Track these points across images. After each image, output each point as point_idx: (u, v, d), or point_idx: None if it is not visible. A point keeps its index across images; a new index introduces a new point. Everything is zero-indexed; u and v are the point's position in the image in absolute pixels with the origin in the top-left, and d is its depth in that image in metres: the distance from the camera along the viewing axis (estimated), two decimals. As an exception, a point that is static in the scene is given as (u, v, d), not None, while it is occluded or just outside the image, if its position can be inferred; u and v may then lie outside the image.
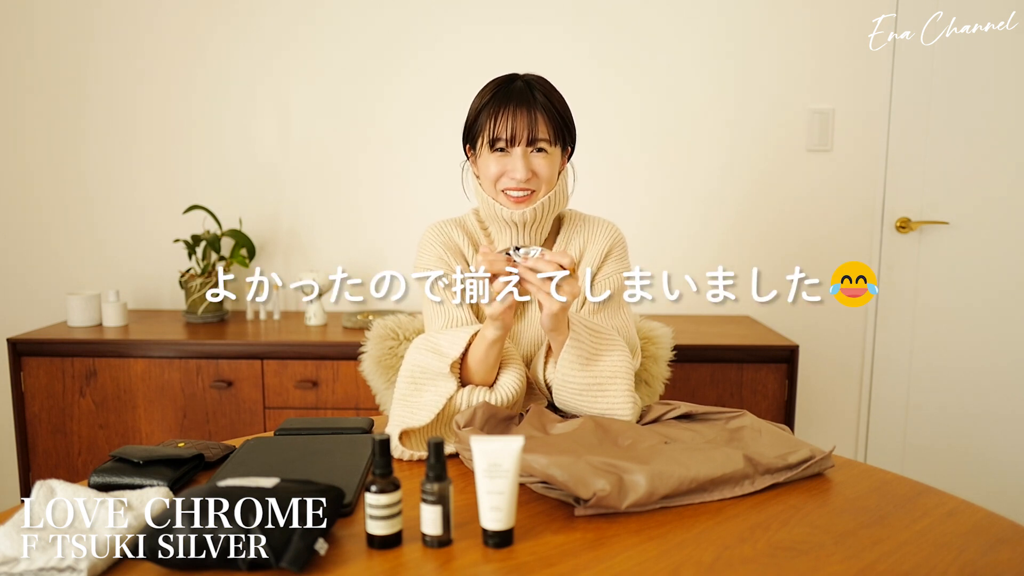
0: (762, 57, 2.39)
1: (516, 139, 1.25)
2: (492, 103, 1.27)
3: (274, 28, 2.43)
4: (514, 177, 1.25)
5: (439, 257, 1.33)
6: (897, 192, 2.41)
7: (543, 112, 1.26)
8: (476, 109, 1.30)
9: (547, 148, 1.27)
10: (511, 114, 1.24)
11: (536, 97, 1.26)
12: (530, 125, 1.24)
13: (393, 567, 0.81)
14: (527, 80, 1.29)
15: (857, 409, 2.52)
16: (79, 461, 2.12)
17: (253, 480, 0.87)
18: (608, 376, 1.18)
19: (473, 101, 1.32)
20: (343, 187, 2.49)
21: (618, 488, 0.93)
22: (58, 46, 2.44)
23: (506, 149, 1.26)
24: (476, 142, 1.31)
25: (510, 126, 1.24)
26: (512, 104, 1.25)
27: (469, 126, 1.32)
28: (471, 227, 1.38)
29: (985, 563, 0.82)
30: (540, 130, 1.25)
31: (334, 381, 2.08)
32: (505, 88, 1.28)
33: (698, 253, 2.45)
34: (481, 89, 1.32)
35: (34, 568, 0.76)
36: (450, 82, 2.42)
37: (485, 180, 1.30)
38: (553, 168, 1.29)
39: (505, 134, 1.25)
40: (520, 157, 1.25)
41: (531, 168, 1.26)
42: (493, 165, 1.27)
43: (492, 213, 1.31)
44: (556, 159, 1.30)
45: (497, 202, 1.29)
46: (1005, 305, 2.41)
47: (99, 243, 2.52)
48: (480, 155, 1.30)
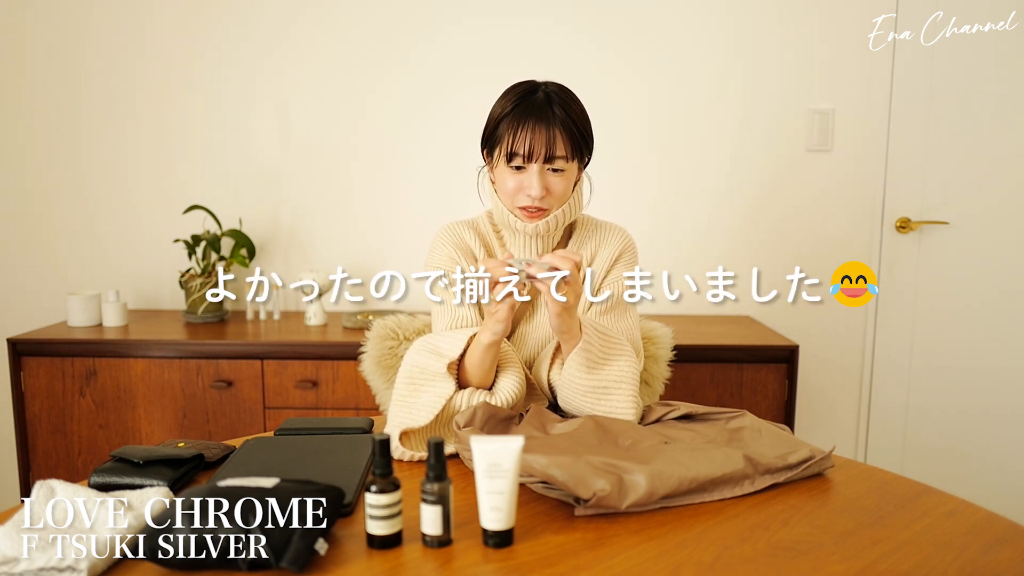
0: (762, 57, 2.39)
1: (534, 155, 1.24)
2: (512, 115, 1.26)
3: (274, 28, 2.43)
4: (529, 194, 1.25)
5: (449, 257, 1.34)
6: (897, 192, 2.41)
7: (561, 128, 1.25)
8: (496, 118, 1.29)
9: (564, 164, 1.26)
10: (530, 130, 1.23)
11: (555, 112, 1.25)
12: (548, 143, 1.24)
13: (393, 567, 0.81)
14: (548, 92, 1.28)
15: (857, 409, 2.52)
16: (79, 461, 2.12)
17: (253, 480, 0.87)
18: (614, 380, 1.19)
19: (494, 106, 1.30)
20: (343, 187, 2.49)
21: (618, 488, 0.93)
22: (59, 46, 2.44)
23: (523, 165, 1.26)
24: (494, 151, 1.30)
25: (528, 142, 1.24)
26: (532, 120, 1.24)
27: (489, 133, 1.32)
28: (484, 229, 1.38)
29: (985, 563, 0.82)
30: (558, 147, 1.25)
31: (334, 381, 2.08)
32: (526, 100, 1.26)
33: (698, 253, 2.45)
34: (502, 95, 1.31)
35: (34, 568, 0.76)
36: (450, 81, 2.42)
37: (501, 192, 1.31)
38: (568, 185, 1.29)
39: (523, 150, 1.24)
40: (536, 174, 1.25)
41: (546, 185, 1.26)
42: (510, 180, 1.27)
43: (506, 222, 1.32)
44: (572, 175, 1.30)
45: (512, 214, 1.30)
46: (1005, 305, 2.41)
47: (99, 243, 2.52)
48: (497, 165, 1.30)
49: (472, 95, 2.42)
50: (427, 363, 1.19)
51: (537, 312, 1.36)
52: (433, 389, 1.17)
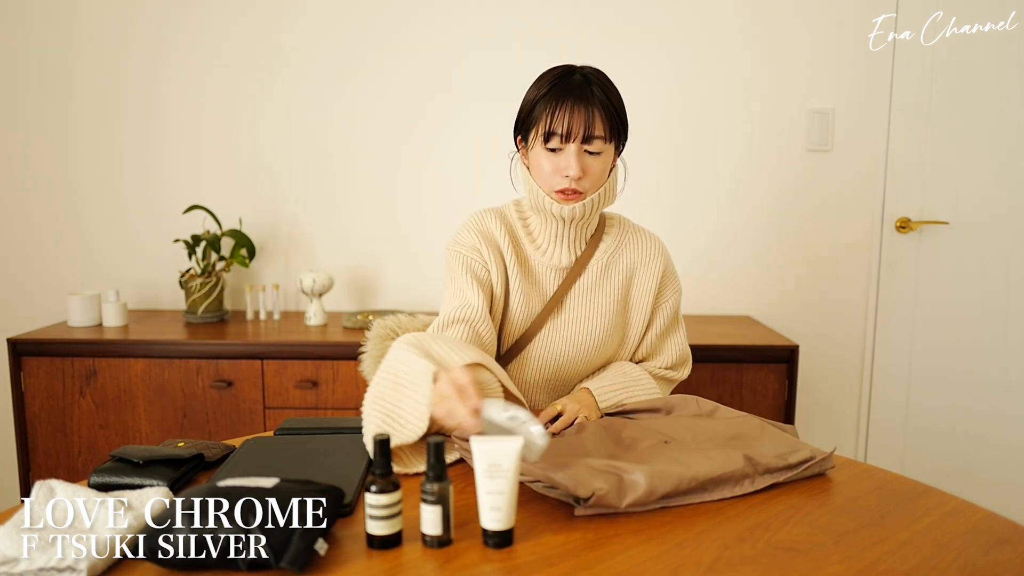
0: (762, 57, 2.39)
1: (572, 135, 1.24)
2: (550, 96, 1.25)
3: (274, 28, 2.43)
4: (567, 174, 1.25)
5: (471, 245, 1.35)
6: (897, 192, 2.41)
7: (600, 109, 1.25)
8: (532, 100, 1.28)
9: (601, 146, 1.26)
10: (568, 109, 1.23)
11: (595, 92, 1.25)
12: (587, 121, 1.23)
13: (393, 567, 0.81)
14: (585, 74, 1.28)
15: (857, 409, 2.51)
16: (79, 461, 2.12)
17: (253, 480, 0.87)
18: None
19: (528, 91, 1.30)
20: (343, 187, 2.48)
21: (617, 487, 0.93)
22: (59, 45, 2.44)
23: (560, 147, 1.25)
24: (529, 133, 1.30)
25: (567, 122, 1.23)
26: (571, 99, 1.24)
27: (524, 117, 1.31)
28: (511, 218, 1.39)
29: (985, 563, 0.82)
30: (596, 127, 1.24)
31: (334, 381, 2.08)
32: (564, 81, 1.26)
33: (698, 253, 2.44)
34: (537, 79, 1.30)
35: (34, 568, 0.76)
36: (453, 82, 2.42)
37: (537, 174, 1.30)
38: (604, 168, 1.29)
39: (561, 129, 1.24)
40: (574, 154, 1.24)
41: (583, 167, 1.26)
42: (546, 162, 1.27)
43: (540, 205, 1.31)
44: (608, 158, 1.30)
45: (549, 197, 1.30)
46: (1005, 305, 2.40)
47: (99, 243, 2.52)
48: (532, 148, 1.30)
49: (474, 96, 2.42)
50: (415, 362, 1.08)
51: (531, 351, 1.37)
52: (414, 394, 1.05)
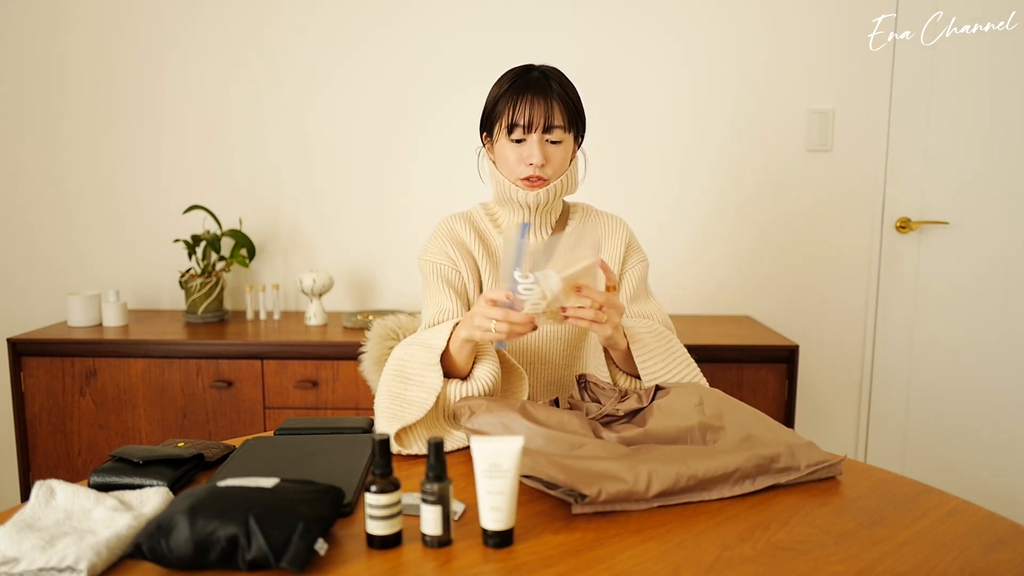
0: (762, 57, 2.39)
1: (533, 125, 1.32)
2: (511, 91, 1.34)
3: (274, 28, 2.43)
4: (531, 162, 1.33)
5: (441, 250, 1.41)
6: (897, 192, 2.41)
7: (559, 101, 1.34)
8: (495, 98, 1.37)
9: (561, 135, 1.34)
10: (529, 102, 1.32)
11: (552, 87, 1.34)
12: (547, 112, 1.32)
13: (393, 567, 0.81)
14: (543, 70, 1.37)
15: (857, 409, 2.52)
16: (79, 461, 2.12)
17: (253, 480, 0.87)
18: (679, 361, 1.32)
19: (491, 90, 1.38)
20: (344, 187, 2.49)
21: (617, 485, 0.92)
22: (59, 44, 2.44)
23: (523, 138, 1.33)
24: (493, 129, 1.38)
25: (528, 113, 1.32)
26: (530, 93, 1.32)
27: (488, 113, 1.39)
28: (478, 220, 1.45)
29: (985, 563, 0.82)
30: (556, 117, 1.33)
31: (334, 381, 2.08)
32: (523, 78, 1.35)
33: (698, 253, 2.45)
34: (499, 79, 1.38)
35: (34, 568, 0.76)
36: (451, 82, 2.42)
37: (502, 165, 1.38)
38: (565, 157, 1.37)
39: (523, 120, 1.32)
40: (536, 143, 1.33)
41: (545, 155, 1.34)
42: (511, 153, 1.35)
43: (507, 196, 1.38)
44: (568, 146, 1.37)
45: (514, 185, 1.37)
46: (1005, 305, 2.40)
47: (99, 243, 2.52)
48: (497, 141, 1.38)
49: (473, 96, 2.42)
50: (416, 354, 1.23)
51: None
52: (422, 382, 1.20)
